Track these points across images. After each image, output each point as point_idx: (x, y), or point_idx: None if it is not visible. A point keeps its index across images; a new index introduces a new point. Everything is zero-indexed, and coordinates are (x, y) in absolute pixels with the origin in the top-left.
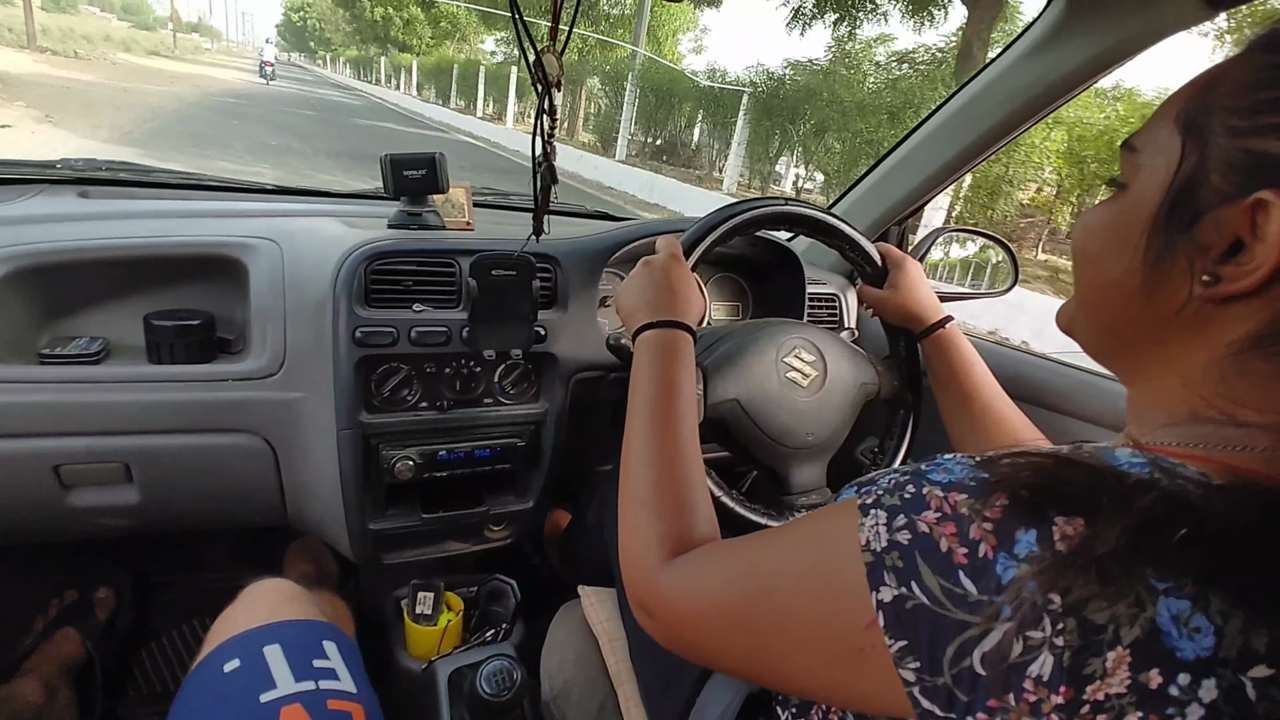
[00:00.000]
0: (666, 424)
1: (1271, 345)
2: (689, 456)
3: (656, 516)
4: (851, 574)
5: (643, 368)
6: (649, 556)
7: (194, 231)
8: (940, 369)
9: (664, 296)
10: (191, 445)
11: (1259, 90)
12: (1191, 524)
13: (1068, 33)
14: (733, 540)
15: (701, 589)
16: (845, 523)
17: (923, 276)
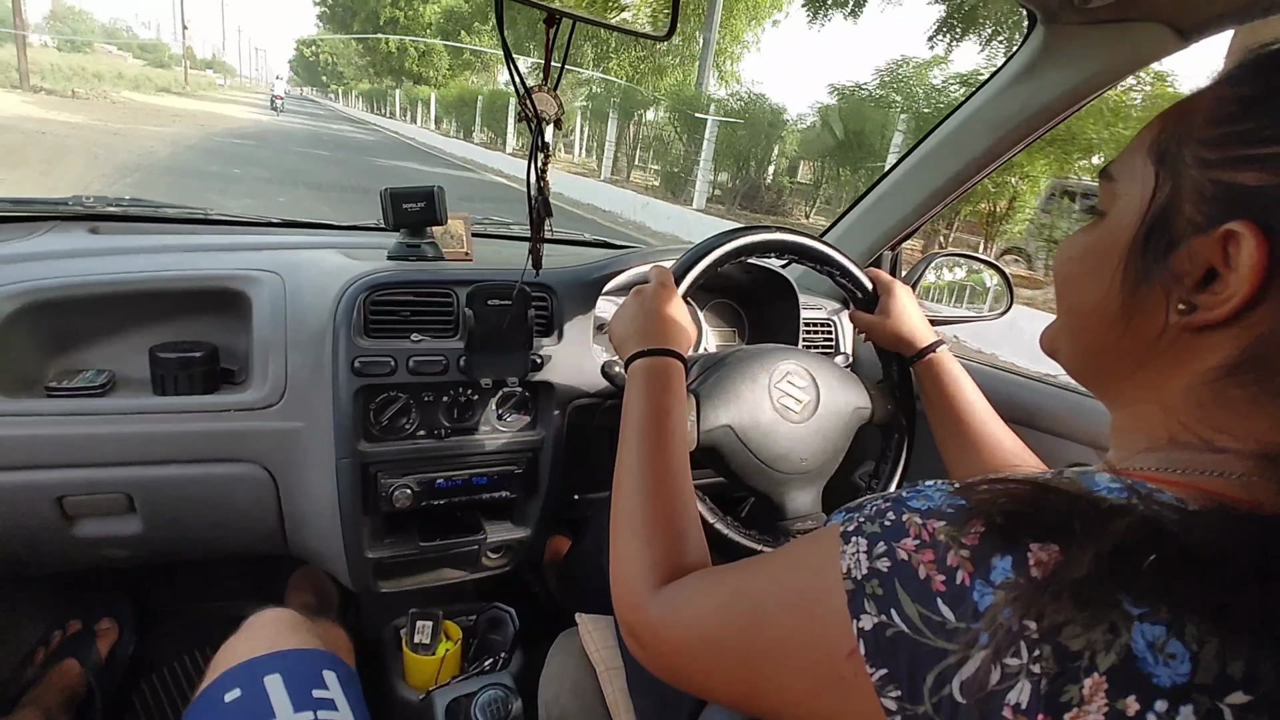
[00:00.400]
0: (657, 451)
1: (1247, 373)
2: (680, 484)
3: (647, 544)
4: (833, 601)
5: (634, 396)
6: (639, 584)
7: (200, 265)
8: (932, 392)
9: (655, 325)
10: (194, 475)
11: (1228, 123)
12: (1164, 549)
13: (1046, 64)
14: (721, 567)
15: (689, 617)
16: (828, 550)
17: (913, 301)
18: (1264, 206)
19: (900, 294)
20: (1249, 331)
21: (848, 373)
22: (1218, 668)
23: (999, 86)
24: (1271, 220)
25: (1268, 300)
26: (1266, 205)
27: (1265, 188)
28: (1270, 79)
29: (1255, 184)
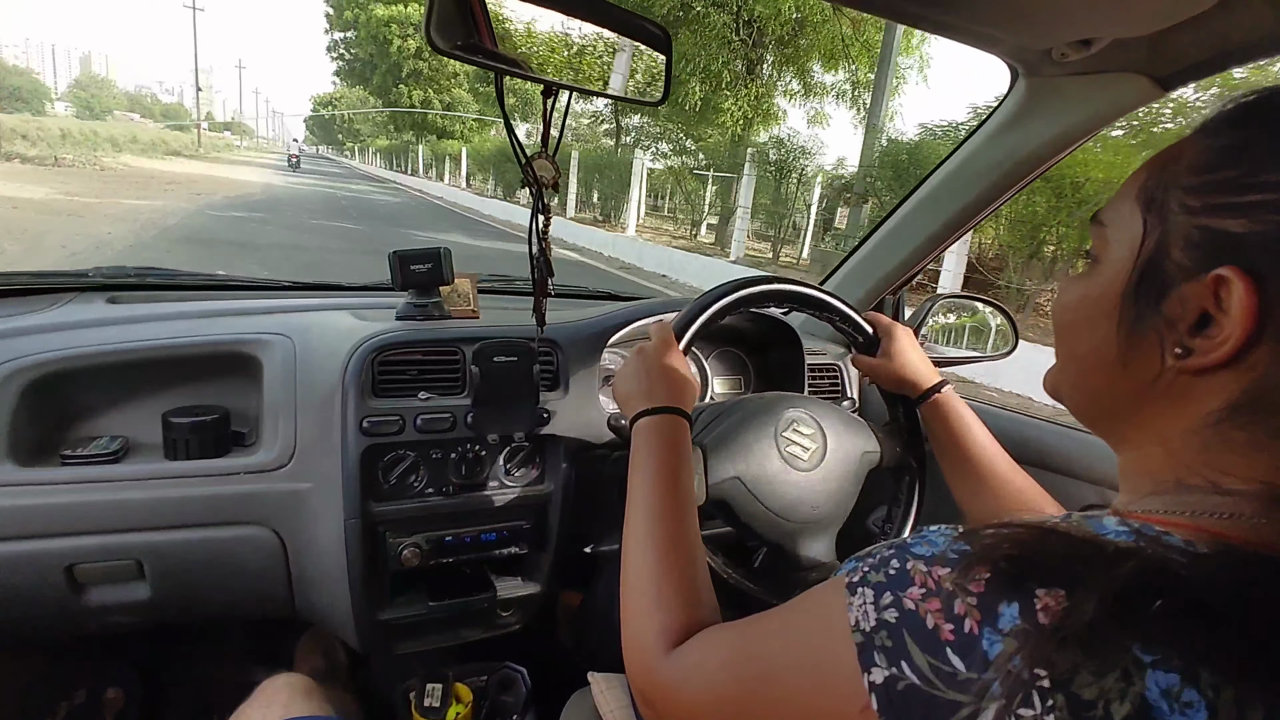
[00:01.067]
0: (666, 511)
1: (1247, 415)
2: (689, 542)
3: (657, 606)
4: (843, 656)
5: (640, 456)
6: (650, 647)
7: (213, 330)
8: (939, 433)
9: (658, 383)
10: (202, 539)
11: (1211, 171)
12: (1171, 593)
13: (1029, 115)
14: (730, 625)
15: (700, 679)
16: (834, 603)
17: (914, 342)
18: (1250, 253)
19: (900, 336)
20: (1246, 374)
21: (854, 418)
22: (1235, 715)
23: (986, 136)
24: (1259, 266)
25: (1262, 343)
26: (1253, 251)
27: (1250, 234)
28: (1246, 128)
29: (1240, 230)
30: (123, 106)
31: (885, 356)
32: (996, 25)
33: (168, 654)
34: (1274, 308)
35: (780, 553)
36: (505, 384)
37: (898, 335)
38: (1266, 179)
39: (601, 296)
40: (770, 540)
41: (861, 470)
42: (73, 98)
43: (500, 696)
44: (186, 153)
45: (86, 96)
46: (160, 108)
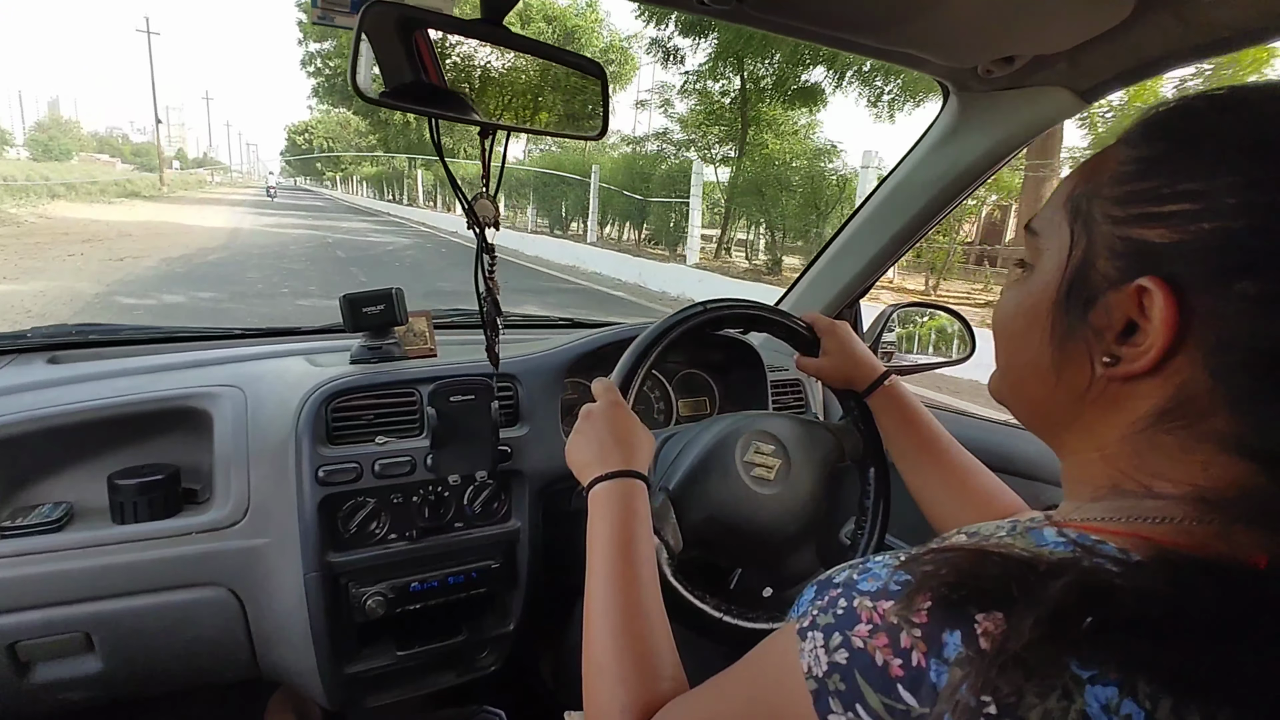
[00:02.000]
0: (625, 584)
1: (1175, 419)
2: (649, 611)
3: (619, 685)
4: (800, 706)
5: (597, 525)
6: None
7: (160, 385)
8: (888, 424)
9: (611, 447)
10: (155, 605)
11: (1130, 181)
12: (1104, 606)
13: (963, 129)
14: (691, 694)
15: None
16: (787, 651)
17: (853, 337)
18: (1170, 262)
19: (839, 332)
20: (1171, 380)
21: (810, 421)
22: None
23: (925, 151)
24: (1178, 275)
25: (1184, 350)
26: (1172, 260)
27: (1169, 244)
28: (1165, 140)
29: (1160, 240)
30: (90, 148)
31: (827, 354)
32: (923, 47)
33: None
34: (1194, 316)
35: (766, 573)
36: (463, 423)
37: (836, 331)
38: (1183, 189)
39: (562, 325)
40: (754, 563)
41: (827, 472)
42: (30, 141)
43: None
44: (147, 194)
45: (45, 139)
46: (130, 147)
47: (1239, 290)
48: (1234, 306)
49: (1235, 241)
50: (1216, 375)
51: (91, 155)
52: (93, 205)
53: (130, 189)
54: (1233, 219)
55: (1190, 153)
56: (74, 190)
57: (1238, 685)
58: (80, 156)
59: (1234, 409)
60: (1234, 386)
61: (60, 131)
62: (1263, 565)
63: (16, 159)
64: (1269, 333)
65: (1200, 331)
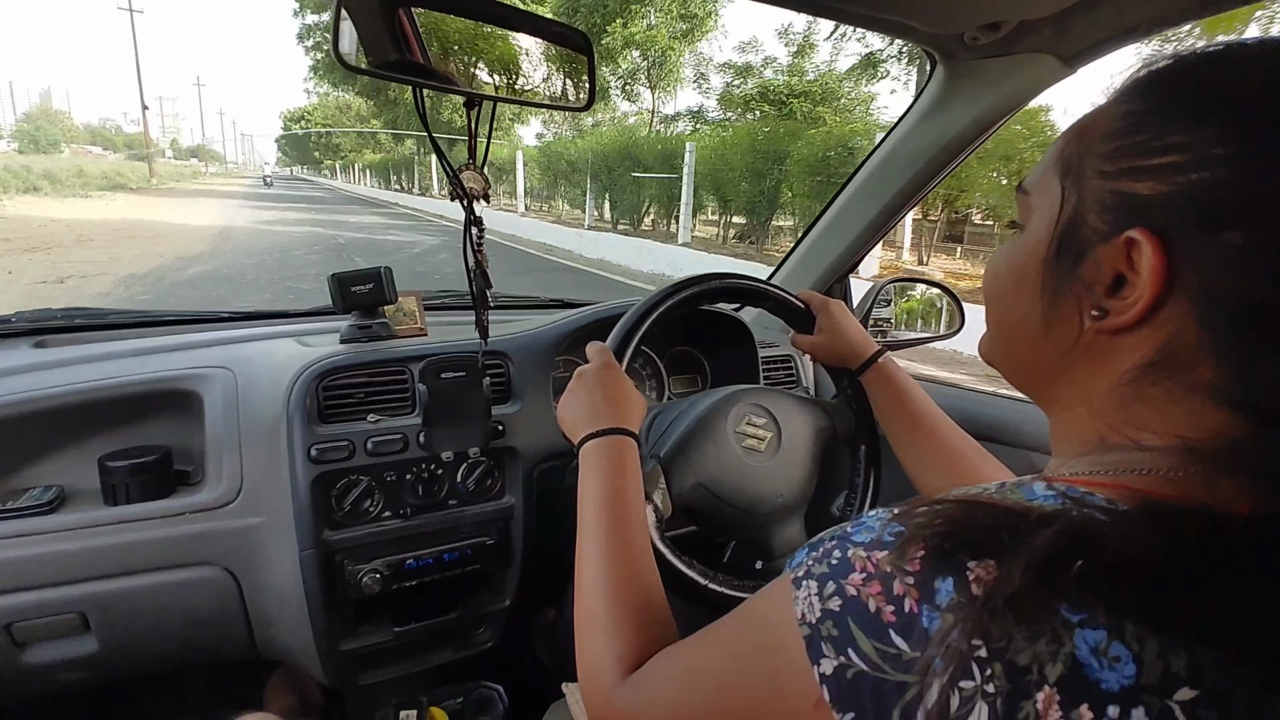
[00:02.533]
0: (616, 537)
1: (1161, 371)
2: (641, 566)
3: (610, 635)
4: (792, 651)
5: (588, 480)
6: (606, 677)
7: (149, 368)
8: (881, 402)
9: (602, 406)
10: (150, 585)
11: (1120, 136)
12: (1092, 554)
13: (951, 99)
14: (682, 643)
15: (658, 703)
16: (781, 600)
17: (848, 315)
18: (1158, 213)
19: (834, 310)
20: (1159, 331)
21: (803, 397)
22: (1161, 666)
23: (913, 122)
24: (1166, 226)
25: (1171, 301)
26: (1160, 212)
27: (1158, 196)
28: (1155, 94)
29: (1149, 193)
30: (83, 140)
31: (822, 332)
32: (909, 14)
33: (127, 707)
34: (1181, 267)
35: (754, 546)
36: (455, 400)
37: (831, 310)
38: (1172, 141)
39: (553, 305)
40: (742, 535)
41: (819, 447)
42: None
43: (478, 716)
44: (133, 185)
45: (31, 130)
46: (123, 138)
47: (1226, 240)
48: (1221, 256)
49: (1222, 191)
50: (1203, 326)
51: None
52: (65, 200)
53: (116, 181)
54: (1220, 169)
55: (1180, 105)
56: (56, 183)
57: (1221, 628)
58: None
59: (1220, 360)
60: (1220, 337)
61: (49, 122)
62: (1245, 513)
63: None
64: (1255, 282)
65: (1187, 282)
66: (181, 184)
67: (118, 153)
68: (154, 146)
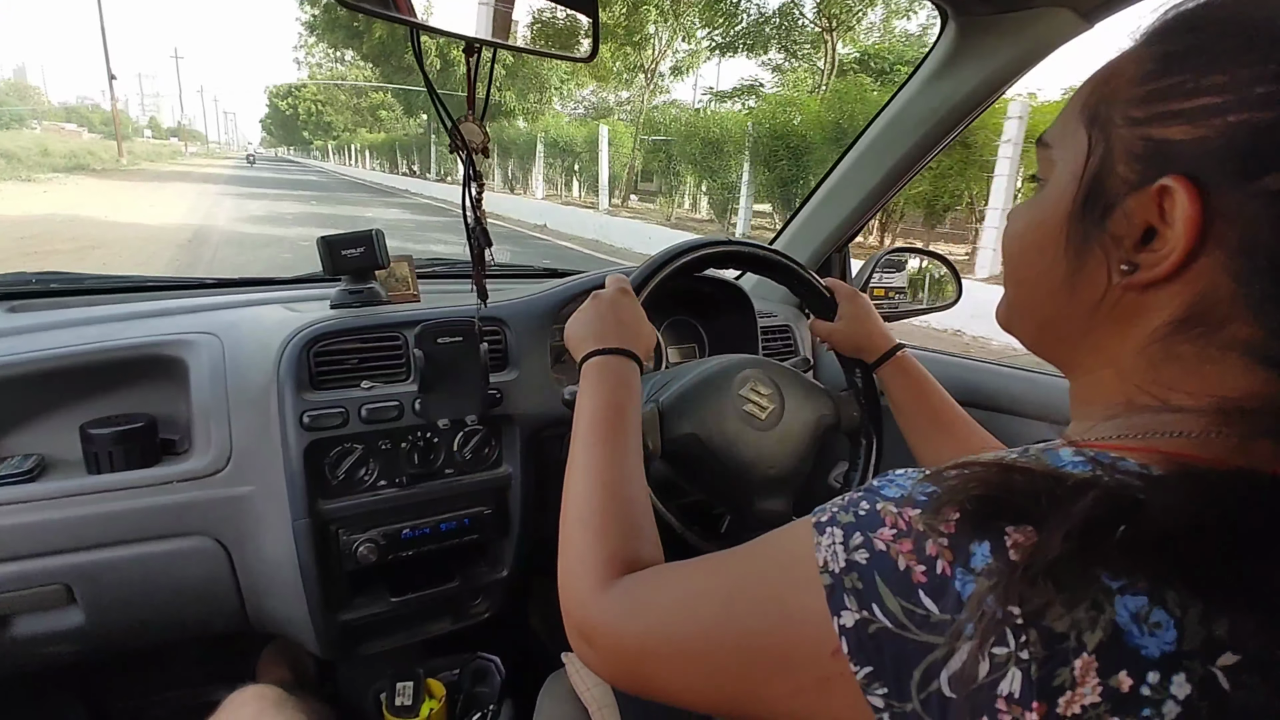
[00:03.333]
0: (611, 446)
1: (1194, 328)
2: (634, 479)
3: (599, 535)
4: (811, 598)
5: (588, 392)
6: (589, 578)
7: (130, 334)
8: (898, 396)
9: (612, 326)
10: (138, 555)
11: (1151, 80)
12: (1133, 520)
13: (962, 58)
14: (683, 562)
15: (649, 614)
16: (802, 542)
17: (871, 308)
18: (1193, 159)
19: (859, 302)
20: (1191, 286)
21: (812, 381)
22: (1204, 631)
23: (920, 84)
24: (1201, 172)
25: (1205, 253)
26: (1196, 158)
27: (1192, 141)
28: (1186, 34)
29: (1182, 138)
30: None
31: (842, 321)
32: None
33: (117, 682)
34: (1216, 216)
35: (737, 512)
36: (452, 366)
37: (854, 300)
38: (1211, 82)
39: (546, 274)
40: (728, 499)
41: (817, 434)
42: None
43: (475, 688)
44: (99, 166)
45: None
46: (100, 115)
47: (1265, 186)
48: (1260, 204)
49: (1263, 134)
50: (1239, 279)
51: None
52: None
53: (80, 161)
54: (1261, 110)
55: (1216, 44)
56: (15, 163)
57: (1263, 592)
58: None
59: (1256, 315)
60: (1257, 290)
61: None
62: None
63: None
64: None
65: (1223, 232)
66: (157, 165)
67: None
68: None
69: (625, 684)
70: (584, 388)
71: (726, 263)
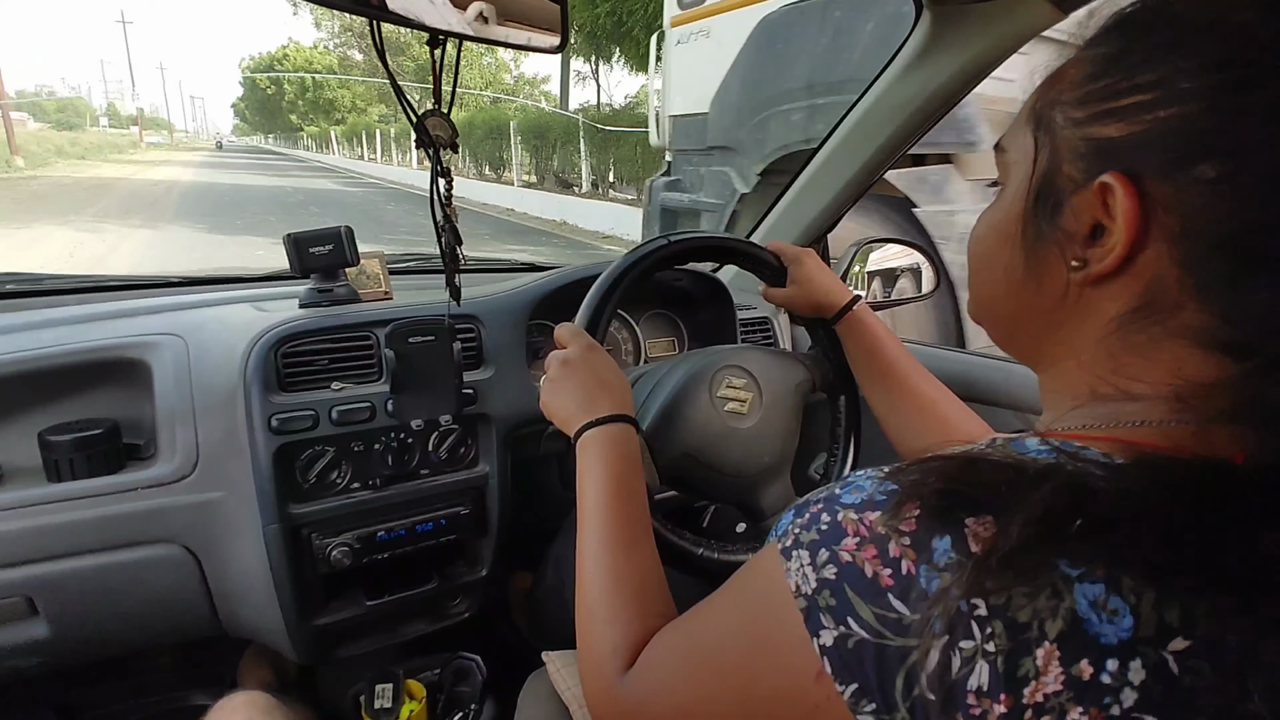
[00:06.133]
0: (619, 526)
1: (1146, 317)
2: (643, 549)
3: (608, 625)
4: (789, 625)
5: (589, 470)
6: (603, 672)
7: (91, 336)
8: (855, 350)
9: (596, 392)
10: (103, 565)
11: (1091, 81)
12: (1090, 509)
13: (936, 48)
14: (676, 622)
15: (659, 691)
16: (773, 572)
17: (822, 264)
18: (1130, 155)
19: (807, 260)
20: (1140, 277)
21: (780, 352)
22: (1156, 617)
23: (895, 74)
24: (1138, 167)
25: (1150, 244)
26: (1132, 153)
27: (1128, 137)
28: (1122, 35)
29: (1119, 135)
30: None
31: (795, 283)
32: None
33: (91, 690)
34: (1157, 207)
35: (743, 508)
36: (424, 366)
37: (804, 260)
38: (1139, 80)
39: (521, 268)
40: (731, 499)
41: (799, 401)
42: None
43: (456, 688)
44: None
45: None
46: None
47: (1198, 175)
48: (1195, 192)
49: (1192, 126)
50: (1183, 265)
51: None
52: None
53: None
54: (1189, 103)
55: (1146, 43)
56: None
57: (1215, 577)
58: None
59: (1202, 299)
60: (1201, 275)
61: None
62: (1239, 462)
63: None
64: (1229, 215)
65: (1164, 222)
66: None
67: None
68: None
69: None
70: (584, 466)
71: (665, 264)
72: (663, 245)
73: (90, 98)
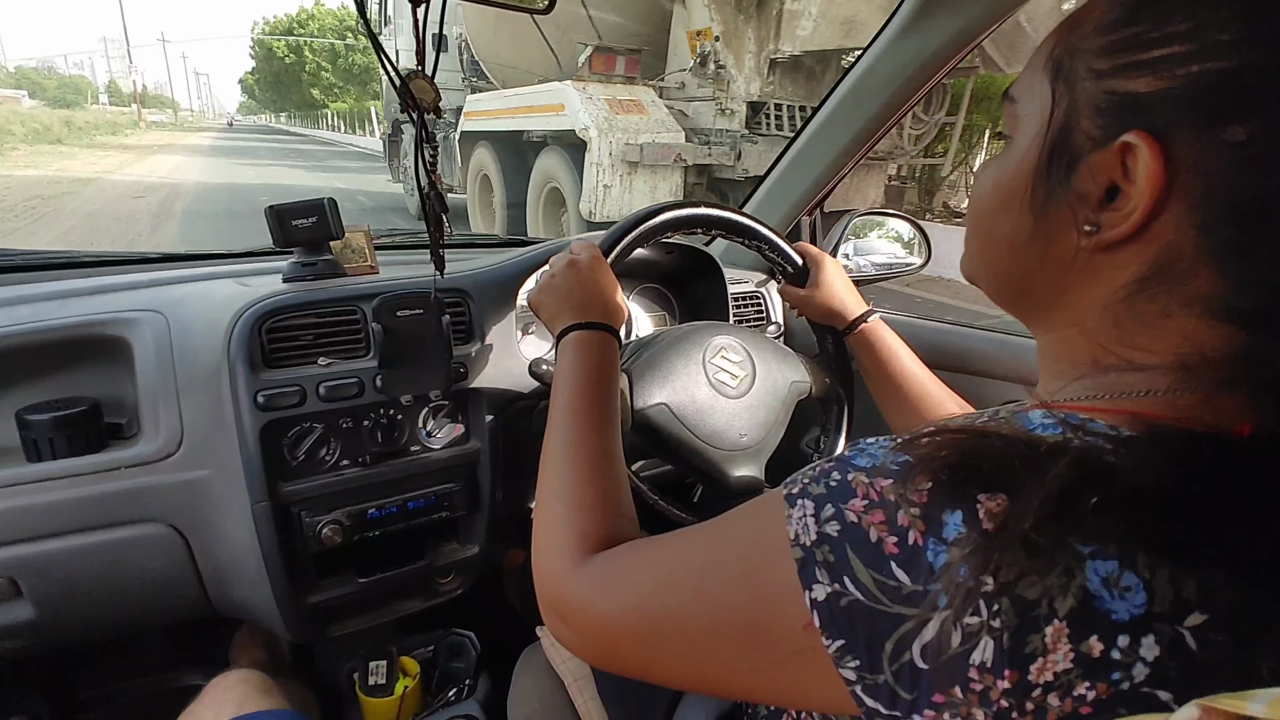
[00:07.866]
0: (591, 422)
1: (1156, 285)
2: (613, 454)
3: (575, 510)
4: (783, 572)
5: (566, 368)
6: (565, 554)
7: (68, 312)
8: (869, 363)
9: (593, 300)
10: (87, 545)
11: (1117, 29)
12: (1105, 485)
13: (931, 12)
14: (657, 537)
15: (622, 590)
16: (773, 515)
17: (842, 273)
18: (1157, 113)
19: (829, 267)
20: (1153, 244)
21: (784, 348)
22: (1172, 592)
23: (888, 41)
24: (1165, 126)
25: (1168, 210)
26: (1159, 111)
27: (1156, 94)
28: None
29: (1146, 90)
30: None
31: (814, 287)
32: None
33: (81, 671)
34: (1181, 169)
35: (709, 480)
36: (413, 340)
37: (826, 266)
38: (1174, 30)
39: (508, 244)
40: (699, 469)
41: (790, 400)
42: None
43: (450, 663)
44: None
45: None
46: (56, 81)
47: (1228, 136)
48: (1223, 154)
49: (1227, 82)
50: (1201, 231)
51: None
52: None
53: None
54: (1225, 57)
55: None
56: None
57: (1228, 552)
58: None
59: (1218, 267)
60: (1219, 242)
61: None
62: (1246, 433)
63: None
64: (1257, 180)
65: (1186, 185)
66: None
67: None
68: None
69: (599, 661)
70: (563, 363)
71: (696, 226)
72: (698, 206)
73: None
